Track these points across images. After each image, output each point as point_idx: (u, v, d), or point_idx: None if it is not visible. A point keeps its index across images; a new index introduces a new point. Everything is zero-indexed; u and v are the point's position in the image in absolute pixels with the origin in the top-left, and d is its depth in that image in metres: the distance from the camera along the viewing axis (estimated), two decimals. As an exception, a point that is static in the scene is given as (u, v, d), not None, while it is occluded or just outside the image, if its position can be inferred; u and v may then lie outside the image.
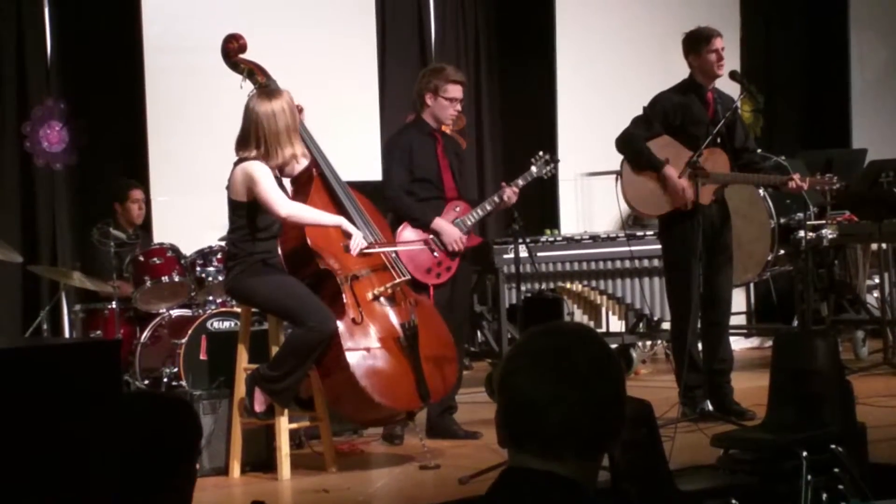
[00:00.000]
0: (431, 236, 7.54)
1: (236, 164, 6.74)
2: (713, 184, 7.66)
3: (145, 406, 3.03)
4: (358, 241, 6.80)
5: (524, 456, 2.46)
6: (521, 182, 7.79)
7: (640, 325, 10.17)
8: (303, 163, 6.94)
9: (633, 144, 7.79)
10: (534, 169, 7.91)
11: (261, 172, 6.64)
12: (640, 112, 7.89)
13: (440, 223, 7.55)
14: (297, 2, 10.66)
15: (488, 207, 7.72)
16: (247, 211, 6.72)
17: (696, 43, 7.82)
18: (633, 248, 9.38)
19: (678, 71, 8.08)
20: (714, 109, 7.80)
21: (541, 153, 8.01)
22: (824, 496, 5.45)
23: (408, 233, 7.53)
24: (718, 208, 7.87)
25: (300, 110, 6.98)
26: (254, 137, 6.68)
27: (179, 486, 2.89)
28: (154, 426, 2.89)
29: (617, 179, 7.97)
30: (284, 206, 6.68)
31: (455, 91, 7.63)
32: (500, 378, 2.50)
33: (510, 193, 7.67)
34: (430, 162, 7.63)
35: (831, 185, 8.00)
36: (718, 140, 7.74)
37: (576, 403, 2.43)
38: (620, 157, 7.94)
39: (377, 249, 7.03)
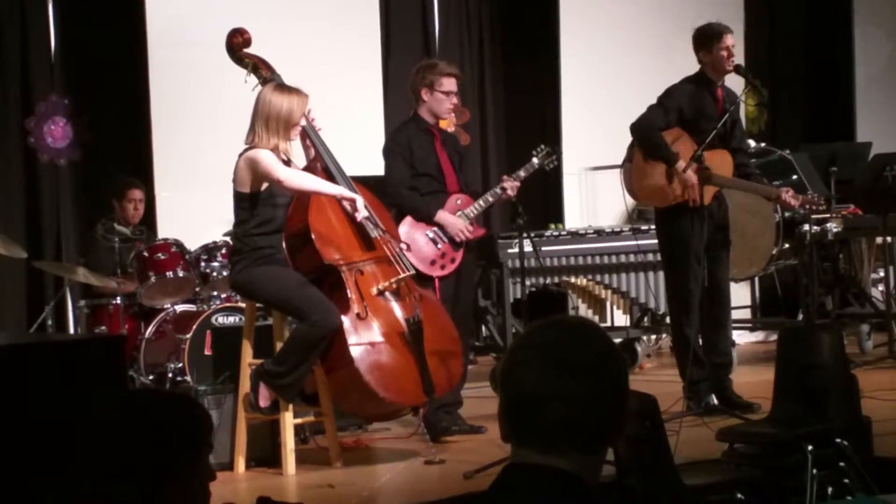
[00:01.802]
0: (436, 227, 7.54)
1: (240, 154, 6.76)
2: (713, 185, 7.64)
3: (149, 402, 3.02)
4: (361, 202, 6.80)
5: (526, 450, 2.46)
6: (522, 174, 7.79)
7: (645, 319, 10.18)
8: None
9: (650, 134, 7.74)
10: (535, 160, 7.92)
11: (262, 152, 6.66)
12: (644, 106, 7.85)
13: (443, 215, 7.55)
14: (301, -2, 10.68)
15: (490, 199, 7.72)
16: (251, 203, 6.72)
17: (708, 40, 7.79)
18: (638, 242, 9.39)
19: (682, 66, 8.07)
20: (723, 107, 7.79)
21: (542, 146, 8.01)
22: (829, 490, 5.45)
23: (410, 224, 7.52)
24: (718, 203, 7.86)
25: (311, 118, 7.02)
26: (252, 122, 6.73)
27: (184, 481, 2.89)
28: (157, 422, 2.88)
29: (623, 166, 7.96)
30: (282, 171, 6.66)
31: (450, 84, 7.61)
32: (503, 372, 2.49)
33: (511, 186, 7.68)
34: (429, 156, 7.62)
35: (818, 205, 8.02)
36: (726, 138, 7.75)
37: (578, 398, 2.42)
38: (626, 149, 7.94)
39: (382, 234, 7.03)
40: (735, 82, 8.03)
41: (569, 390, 2.42)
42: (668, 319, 9.65)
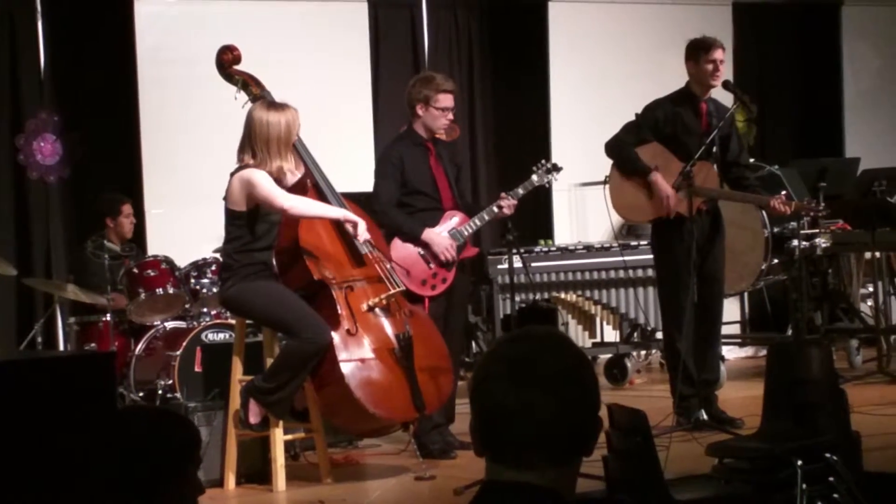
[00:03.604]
0: (421, 251, 7.49)
1: (234, 173, 6.76)
2: (698, 197, 7.65)
3: (136, 419, 3.03)
4: (363, 226, 6.84)
5: (499, 467, 2.45)
6: (520, 191, 7.68)
7: (635, 334, 10.19)
8: (290, 177, 6.95)
9: (621, 149, 7.81)
10: (535, 178, 7.81)
11: (259, 175, 6.66)
12: (632, 119, 7.90)
13: (429, 234, 7.48)
14: (291, 15, 10.68)
15: (486, 217, 7.62)
16: (243, 221, 6.72)
17: (696, 51, 7.82)
18: (626, 258, 9.41)
19: (670, 83, 8.08)
20: (708, 121, 7.80)
21: (543, 161, 7.95)
22: (819, 505, 5.46)
23: (401, 243, 7.49)
24: (711, 219, 7.87)
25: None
26: (247, 143, 6.73)
27: (173, 496, 2.89)
28: (144, 439, 2.89)
29: (605, 185, 7.99)
30: (285, 198, 6.69)
31: (446, 100, 7.54)
32: (472, 386, 2.48)
33: (508, 205, 7.58)
34: (423, 173, 7.56)
35: (817, 211, 7.99)
36: (714, 150, 7.75)
37: (546, 410, 2.40)
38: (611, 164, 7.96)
39: (372, 251, 7.04)
40: (724, 98, 8.05)
41: (536, 402, 2.40)
42: (657, 335, 9.68)
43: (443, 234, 7.50)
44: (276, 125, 6.69)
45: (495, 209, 7.58)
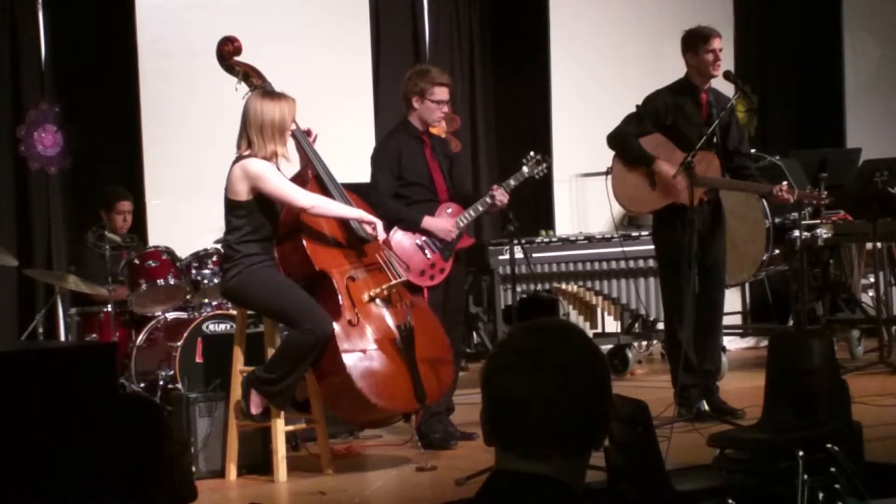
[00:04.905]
0: (425, 238, 7.52)
1: (234, 162, 6.75)
2: (701, 187, 7.65)
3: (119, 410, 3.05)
4: (381, 225, 6.91)
5: (509, 456, 2.45)
6: (512, 183, 7.73)
7: (636, 325, 10.19)
8: (284, 163, 6.95)
9: (623, 140, 7.80)
10: (525, 169, 7.87)
11: (265, 168, 6.66)
12: (633, 111, 7.89)
13: (429, 220, 7.51)
14: (292, 6, 10.67)
15: (480, 209, 7.67)
16: (244, 211, 6.72)
17: (695, 41, 7.81)
18: (627, 249, 9.41)
19: (671, 71, 8.08)
20: (708, 111, 7.79)
21: (532, 153, 7.99)
22: (820, 495, 5.46)
23: (399, 234, 7.50)
24: (712, 209, 7.87)
25: (311, 135, 7.04)
26: (243, 131, 6.74)
27: (161, 476, 2.90)
28: (123, 428, 2.90)
29: (607, 177, 7.98)
30: (305, 198, 6.73)
31: (441, 93, 7.57)
32: (484, 376, 2.49)
33: (500, 195, 7.63)
34: (419, 165, 7.58)
35: (820, 200, 8.00)
36: (714, 140, 7.74)
37: (557, 402, 2.40)
38: (613, 156, 7.96)
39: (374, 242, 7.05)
40: (725, 88, 8.04)
41: (547, 394, 2.40)
42: (658, 325, 9.69)
43: (442, 216, 7.54)
44: (269, 112, 6.70)
45: (488, 200, 7.63)
